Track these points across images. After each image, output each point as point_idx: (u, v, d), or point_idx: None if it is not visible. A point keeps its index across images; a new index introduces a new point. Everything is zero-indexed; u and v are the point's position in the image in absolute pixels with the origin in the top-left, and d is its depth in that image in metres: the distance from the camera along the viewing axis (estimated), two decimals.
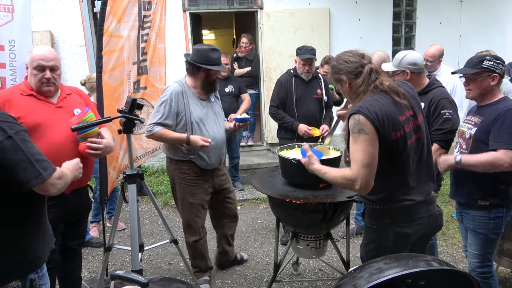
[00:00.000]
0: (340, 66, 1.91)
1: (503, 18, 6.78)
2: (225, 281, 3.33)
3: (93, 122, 2.26)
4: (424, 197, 1.92)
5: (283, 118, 3.76)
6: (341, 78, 1.92)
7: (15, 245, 1.62)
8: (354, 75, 1.88)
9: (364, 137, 1.74)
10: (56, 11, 5.81)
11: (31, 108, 2.24)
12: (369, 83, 1.85)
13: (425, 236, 2.03)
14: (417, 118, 1.91)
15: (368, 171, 1.73)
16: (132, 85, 3.11)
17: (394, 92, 1.85)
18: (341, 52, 1.98)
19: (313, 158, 2.04)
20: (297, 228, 2.71)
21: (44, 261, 1.75)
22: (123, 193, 2.53)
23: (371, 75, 1.86)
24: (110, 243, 2.66)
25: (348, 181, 1.79)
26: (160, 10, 3.20)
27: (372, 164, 1.74)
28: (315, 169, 2.01)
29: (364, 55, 1.92)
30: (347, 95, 1.99)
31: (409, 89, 1.99)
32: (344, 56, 1.92)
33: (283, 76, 3.87)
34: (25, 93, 2.27)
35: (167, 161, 3.04)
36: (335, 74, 1.95)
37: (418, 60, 2.63)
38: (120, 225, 4.37)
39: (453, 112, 2.59)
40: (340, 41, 6.24)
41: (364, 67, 1.87)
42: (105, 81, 2.89)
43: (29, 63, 2.28)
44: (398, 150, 1.82)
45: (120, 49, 2.98)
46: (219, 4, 6.23)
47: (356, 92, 1.90)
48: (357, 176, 1.74)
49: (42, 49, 2.32)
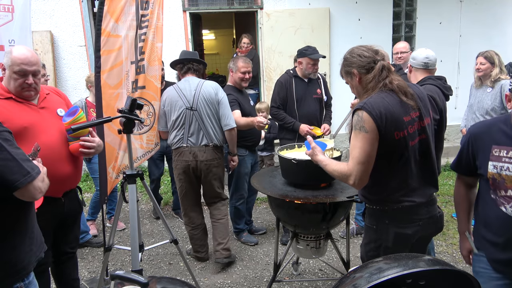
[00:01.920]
0: (353, 59, 1.90)
1: (503, 18, 6.78)
2: (225, 281, 3.33)
3: (93, 122, 2.25)
4: (425, 199, 1.91)
5: (284, 119, 3.77)
6: (352, 72, 1.91)
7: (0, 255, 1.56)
8: (366, 69, 1.87)
9: (363, 135, 1.76)
10: (56, 11, 5.82)
11: (13, 112, 2.09)
12: (379, 80, 1.84)
13: (425, 237, 2.02)
14: (423, 120, 1.90)
15: (362, 169, 1.78)
16: (131, 85, 3.11)
17: (402, 92, 1.84)
18: (356, 46, 1.96)
19: (317, 149, 2.10)
20: (297, 228, 2.71)
21: (31, 270, 1.70)
22: (123, 193, 2.52)
23: (382, 72, 1.85)
24: (110, 243, 2.66)
25: (343, 176, 1.85)
26: (157, 9, 3.20)
27: (367, 162, 1.77)
28: (318, 160, 2.06)
29: (378, 51, 1.90)
30: (355, 89, 1.98)
31: (418, 91, 1.98)
32: (358, 50, 1.91)
33: (282, 76, 3.88)
34: (2, 96, 2.11)
35: None
36: (346, 66, 1.94)
37: (431, 58, 2.74)
38: (120, 225, 4.38)
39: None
40: (340, 41, 6.25)
41: (377, 63, 1.86)
42: (103, 81, 2.89)
43: (8, 65, 2.09)
44: (399, 150, 1.82)
45: (118, 48, 2.98)
46: (219, 4, 6.23)
47: (365, 87, 1.89)
48: (352, 172, 1.80)
49: (23, 51, 2.12)
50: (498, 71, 3.77)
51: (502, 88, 3.75)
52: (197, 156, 3.29)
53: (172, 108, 3.29)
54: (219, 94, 3.33)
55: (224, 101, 3.35)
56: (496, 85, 3.79)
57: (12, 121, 2.02)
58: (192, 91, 3.28)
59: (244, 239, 3.94)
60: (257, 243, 3.90)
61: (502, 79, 3.77)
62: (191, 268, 3.42)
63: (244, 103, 3.69)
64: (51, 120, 2.23)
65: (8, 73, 2.11)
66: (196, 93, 3.28)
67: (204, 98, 3.28)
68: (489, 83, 3.84)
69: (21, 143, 1.95)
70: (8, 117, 2.04)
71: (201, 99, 3.27)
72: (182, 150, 3.32)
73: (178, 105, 3.27)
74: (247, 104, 3.76)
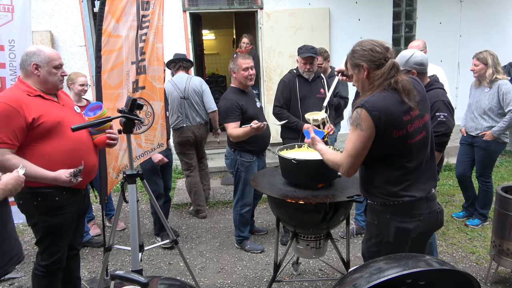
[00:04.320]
0: (364, 52, 1.89)
1: (503, 18, 6.78)
2: (225, 281, 3.33)
3: (93, 122, 2.26)
4: (425, 194, 1.93)
5: (288, 118, 3.72)
6: (361, 65, 1.90)
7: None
8: (376, 65, 1.87)
9: (358, 133, 1.83)
10: (56, 11, 5.82)
11: (46, 107, 2.26)
12: (386, 78, 1.85)
13: (425, 233, 2.03)
14: (423, 117, 1.92)
15: (352, 161, 1.89)
16: (131, 85, 3.11)
17: (406, 92, 1.84)
18: (366, 39, 1.96)
19: (316, 139, 2.21)
20: (297, 228, 2.71)
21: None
22: (123, 193, 2.52)
23: (391, 70, 1.85)
24: (110, 243, 2.66)
25: (335, 165, 2.00)
26: (158, 10, 3.20)
27: (357, 156, 1.88)
28: (317, 149, 2.18)
29: (389, 49, 1.90)
30: (361, 83, 1.96)
31: (421, 89, 1.99)
32: (370, 44, 1.91)
33: (286, 76, 3.86)
34: (32, 94, 2.25)
35: None
36: (356, 59, 1.93)
37: (424, 60, 2.61)
38: (120, 225, 4.38)
39: (448, 115, 2.56)
40: (340, 41, 6.25)
41: (388, 60, 1.86)
42: (104, 81, 2.89)
43: (46, 62, 2.27)
44: (399, 148, 1.85)
45: (119, 49, 2.98)
46: (219, 4, 6.23)
47: (372, 83, 1.89)
48: (343, 162, 1.93)
49: (49, 48, 2.35)
50: (492, 72, 3.76)
51: (499, 88, 3.76)
52: (194, 132, 4.43)
53: (169, 98, 4.23)
54: (203, 87, 4.45)
55: (206, 91, 4.47)
56: (494, 85, 3.80)
57: (49, 116, 2.22)
58: (183, 84, 4.35)
59: (249, 247, 3.81)
60: (264, 251, 3.78)
61: (499, 79, 3.78)
62: (191, 268, 3.42)
63: (249, 106, 3.51)
64: (74, 116, 2.43)
65: (46, 70, 2.28)
66: (187, 86, 4.35)
67: (193, 89, 4.36)
68: (486, 83, 3.85)
69: (57, 137, 2.23)
70: (45, 112, 2.22)
71: (190, 90, 4.35)
72: (183, 129, 4.39)
73: (174, 95, 4.30)
74: (252, 106, 3.58)
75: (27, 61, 2.27)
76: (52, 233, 2.36)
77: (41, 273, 2.41)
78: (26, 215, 2.37)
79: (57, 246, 2.40)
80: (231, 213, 4.48)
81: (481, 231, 4.05)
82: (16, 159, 2.13)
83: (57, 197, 2.30)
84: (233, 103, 3.42)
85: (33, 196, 2.26)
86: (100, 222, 4.31)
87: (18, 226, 4.50)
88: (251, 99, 3.64)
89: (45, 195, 2.27)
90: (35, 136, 2.19)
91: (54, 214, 2.33)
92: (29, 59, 2.26)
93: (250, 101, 3.60)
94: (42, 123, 2.18)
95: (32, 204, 2.28)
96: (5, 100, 2.13)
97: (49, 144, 2.23)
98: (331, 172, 2.64)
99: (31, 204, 2.28)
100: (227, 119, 3.41)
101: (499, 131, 3.80)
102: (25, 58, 2.28)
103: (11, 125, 2.10)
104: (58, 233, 2.38)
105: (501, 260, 2.98)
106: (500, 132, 3.81)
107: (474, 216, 4.23)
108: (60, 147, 2.25)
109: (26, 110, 2.15)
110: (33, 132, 2.18)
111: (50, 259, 2.40)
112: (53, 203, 2.30)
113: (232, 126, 3.40)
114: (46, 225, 2.33)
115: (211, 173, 5.92)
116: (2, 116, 2.09)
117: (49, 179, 2.20)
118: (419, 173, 1.92)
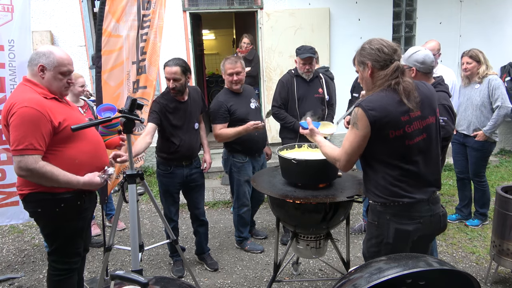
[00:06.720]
0: (371, 51, 1.91)
1: (503, 18, 6.78)
2: (225, 281, 3.33)
3: (93, 122, 2.26)
4: (426, 196, 1.93)
5: (285, 118, 3.76)
6: (366, 63, 1.93)
7: None
8: (380, 65, 1.88)
9: (355, 131, 1.88)
10: (56, 11, 5.82)
11: (66, 111, 2.23)
12: (388, 79, 1.86)
13: (427, 236, 2.02)
14: (425, 120, 1.91)
15: (348, 158, 1.95)
16: (132, 85, 3.11)
17: (406, 94, 1.84)
18: (376, 38, 1.97)
19: (315, 130, 2.27)
20: (297, 228, 2.71)
21: None
22: (123, 193, 2.52)
23: (395, 72, 1.86)
24: (110, 243, 2.66)
25: (332, 159, 2.06)
26: (159, 9, 3.20)
27: (352, 154, 1.93)
28: (316, 140, 2.25)
29: (397, 51, 1.91)
30: (365, 81, 2.00)
31: (427, 90, 1.99)
32: (378, 43, 1.92)
33: (284, 76, 3.87)
34: (48, 96, 2.18)
35: None
36: (362, 56, 1.95)
37: (428, 60, 2.49)
38: (120, 225, 4.38)
39: (448, 119, 2.49)
40: (340, 41, 6.25)
41: (393, 62, 1.87)
42: (104, 81, 2.89)
43: (54, 66, 2.17)
44: (396, 148, 1.86)
45: (119, 48, 2.98)
46: (219, 4, 6.23)
47: (374, 83, 1.92)
48: (340, 158, 1.99)
49: (63, 52, 2.23)
50: (485, 68, 3.83)
51: (489, 83, 3.83)
52: None
53: None
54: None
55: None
56: (484, 80, 3.85)
57: (71, 119, 2.19)
58: None
59: (249, 247, 3.81)
60: (263, 251, 3.79)
61: (489, 74, 3.84)
62: (191, 268, 3.43)
63: (239, 107, 3.45)
64: (83, 117, 2.46)
65: (51, 74, 2.19)
66: None
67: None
68: (477, 79, 3.90)
69: (79, 140, 2.22)
70: (68, 115, 2.20)
71: None
72: None
73: None
74: (244, 107, 3.50)
75: (35, 60, 2.18)
76: (74, 237, 2.34)
77: (64, 276, 2.36)
78: (44, 222, 2.28)
79: (78, 248, 2.39)
80: (231, 213, 4.48)
81: (481, 231, 4.05)
82: (49, 166, 2.08)
83: (79, 201, 2.27)
84: (221, 105, 3.41)
85: (55, 203, 2.19)
86: (100, 222, 4.30)
87: (18, 226, 4.50)
88: (244, 100, 3.55)
89: (67, 201, 2.22)
90: (58, 141, 2.14)
91: (77, 219, 2.31)
92: (37, 59, 2.17)
93: (242, 102, 3.52)
94: (66, 127, 2.14)
95: (54, 211, 2.20)
96: (30, 104, 2.05)
97: (74, 147, 2.20)
98: (331, 172, 2.64)
99: (53, 211, 2.21)
100: (214, 120, 3.46)
101: (490, 130, 3.83)
102: (34, 57, 2.20)
103: (40, 131, 2.05)
104: (79, 236, 2.37)
105: (501, 260, 2.98)
106: (491, 130, 3.83)
107: (474, 216, 4.23)
108: (84, 150, 2.24)
109: (52, 114, 2.10)
110: (57, 137, 2.13)
111: (71, 260, 2.37)
112: (76, 208, 2.26)
113: (218, 128, 3.44)
114: (69, 231, 2.29)
115: (211, 173, 5.92)
116: (31, 121, 2.03)
117: (82, 184, 2.18)
118: (419, 174, 1.91)
